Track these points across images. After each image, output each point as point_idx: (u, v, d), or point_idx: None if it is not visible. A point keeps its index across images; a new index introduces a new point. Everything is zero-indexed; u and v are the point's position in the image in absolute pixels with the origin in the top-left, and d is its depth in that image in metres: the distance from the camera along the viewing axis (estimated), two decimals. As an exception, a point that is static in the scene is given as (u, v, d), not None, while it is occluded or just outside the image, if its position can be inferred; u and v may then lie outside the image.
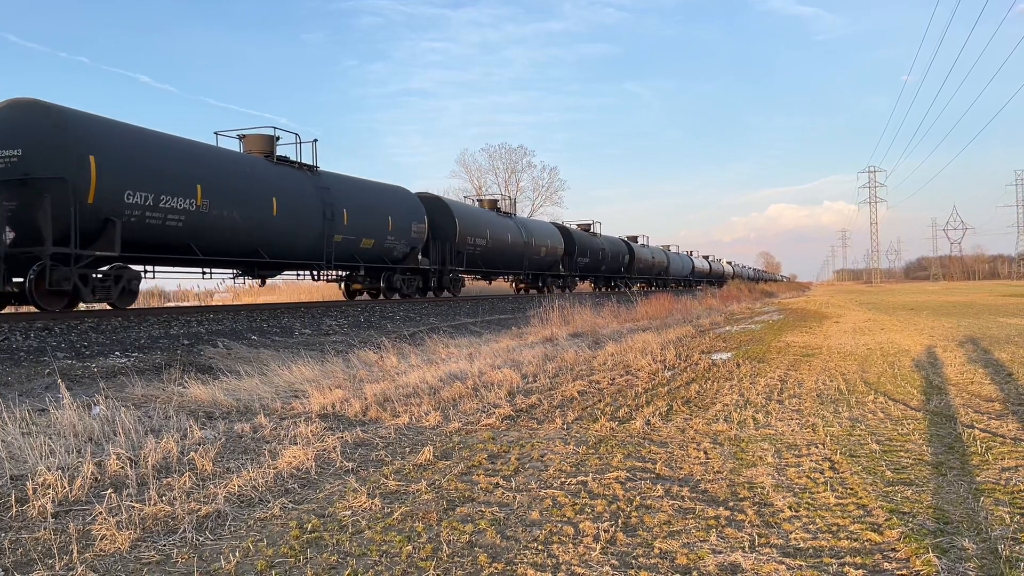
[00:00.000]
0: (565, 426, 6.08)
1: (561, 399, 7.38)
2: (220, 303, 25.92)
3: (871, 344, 12.91)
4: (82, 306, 13.61)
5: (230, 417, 6.48)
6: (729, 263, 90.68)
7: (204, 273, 16.16)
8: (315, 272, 19.78)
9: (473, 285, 35.16)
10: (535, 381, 8.63)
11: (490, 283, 34.81)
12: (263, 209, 15.73)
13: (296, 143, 18.20)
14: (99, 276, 12.68)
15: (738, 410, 6.65)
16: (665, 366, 9.93)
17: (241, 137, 17.69)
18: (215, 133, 17.50)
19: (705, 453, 5.08)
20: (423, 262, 22.90)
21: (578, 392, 7.77)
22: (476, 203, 32.19)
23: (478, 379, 8.46)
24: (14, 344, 9.65)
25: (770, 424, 6.03)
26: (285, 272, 19.39)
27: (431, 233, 23.17)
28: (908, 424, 5.94)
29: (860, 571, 3.02)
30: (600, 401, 7.24)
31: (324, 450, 5.16)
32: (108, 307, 13.56)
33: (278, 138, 17.77)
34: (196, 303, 28.05)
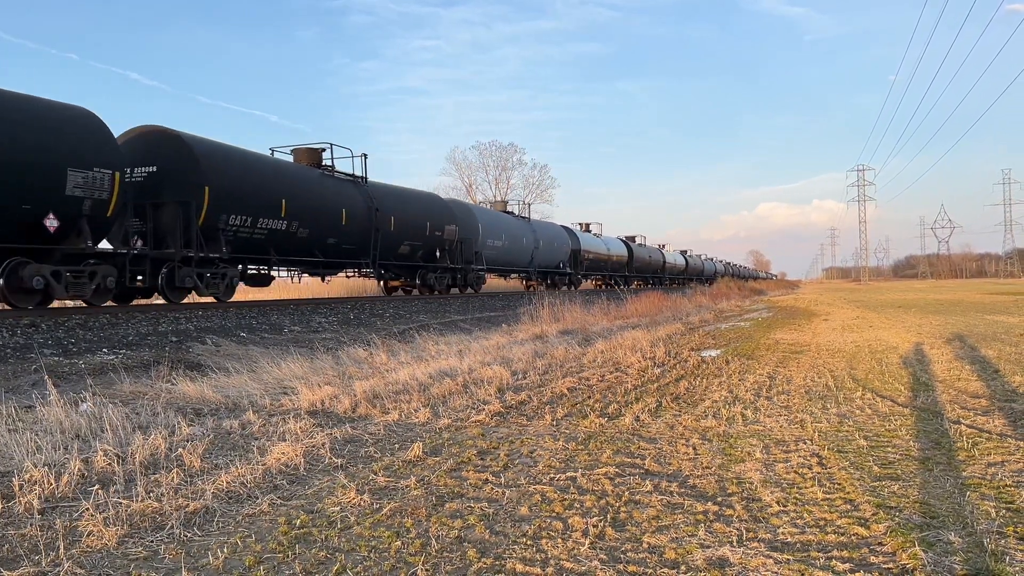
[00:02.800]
0: (555, 422, 6.08)
1: (551, 396, 7.39)
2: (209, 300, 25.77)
3: (859, 341, 12.98)
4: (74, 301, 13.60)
5: (219, 414, 6.46)
6: (719, 261, 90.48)
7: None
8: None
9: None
10: (525, 378, 8.64)
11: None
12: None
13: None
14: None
15: (727, 406, 6.68)
16: (655, 363, 9.95)
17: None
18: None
19: (694, 449, 5.10)
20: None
21: (568, 389, 7.78)
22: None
23: (468, 376, 8.46)
24: (0, 341, 9.58)
25: (759, 420, 6.06)
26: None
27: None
28: (895, 420, 5.97)
29: (847, 565, 3.04)
30: (590, 398, 7.25)
31: (313, 446, 5.15)
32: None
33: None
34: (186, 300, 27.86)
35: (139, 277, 14.10)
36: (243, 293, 30.21)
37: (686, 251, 73.69)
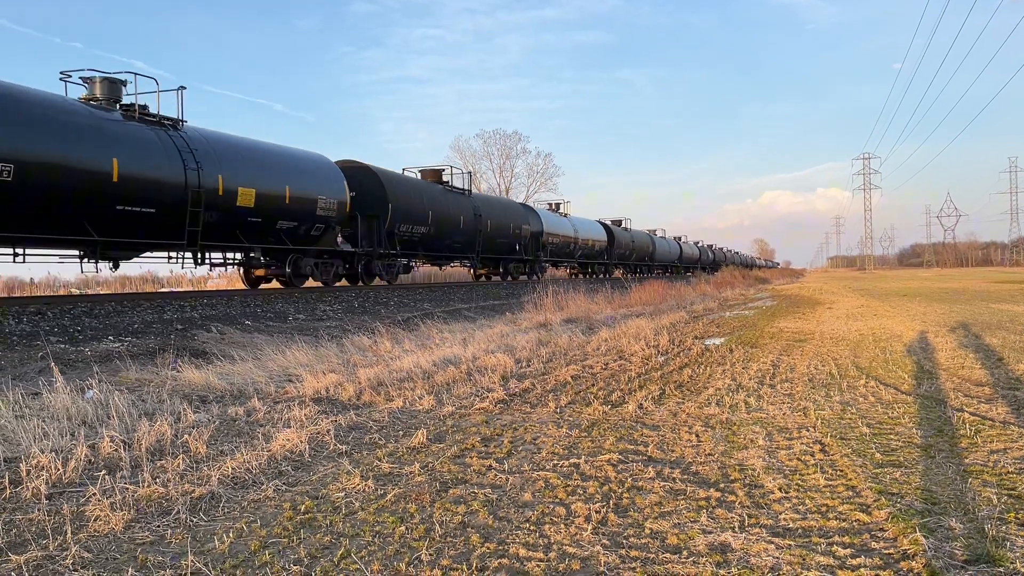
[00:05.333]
0: (558, 410, 6.11)
1: (554, 383, 7.41)
2: (214, 288, 25.89)
3: (863, 330, 12.97)
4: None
5: (224, 401, 6.49)
6: (718, 249, 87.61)
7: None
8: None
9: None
10: (528, 366, 8.66)
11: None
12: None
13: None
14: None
15: (730, 394, 6.69)
16: (658, 351, 9.96)
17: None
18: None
19: (697, 436, 5.11)
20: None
21: (571, 376, 7.80)
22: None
23: (472, 364, 8.48)
24: (7, 328, 9.63)
25: (762, 408, 6.07)
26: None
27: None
28: (898, 408, 5.98)
29: (848, 550, 3.06)
30: (593, 385, 7.27)
31: (318, 433, 5.18)
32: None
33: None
34: (190, 288, 27.99)
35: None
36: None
37: (680, 237, 68.40)
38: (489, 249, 28.47)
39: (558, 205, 40.40)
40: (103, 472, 4.17)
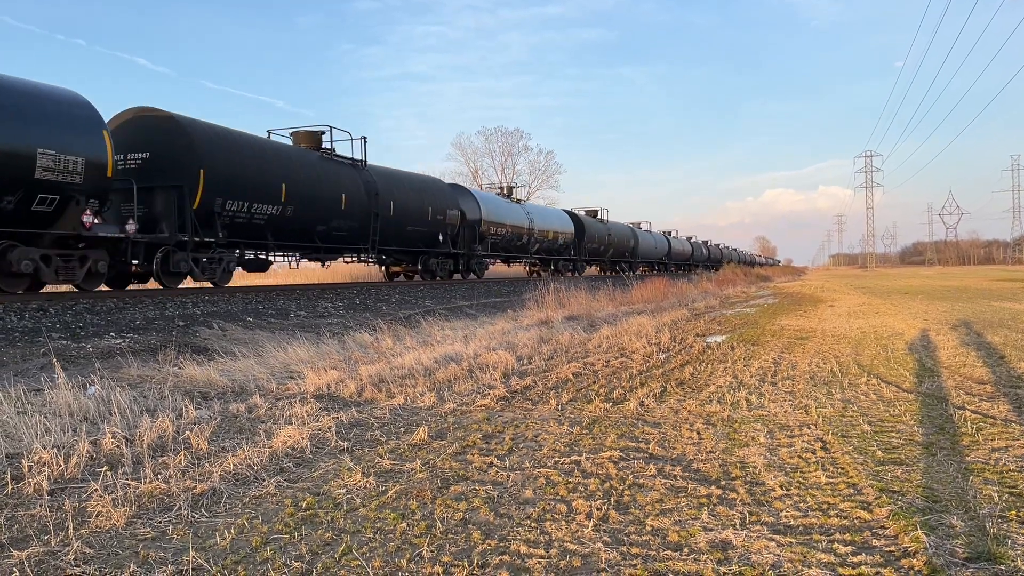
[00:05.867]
0: (559, 407, 6.11)
1: (556, 380, 7.41)
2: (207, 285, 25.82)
3: (865, 327, 12.96)
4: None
5: (225, 397, 6.50)
6: (720, 246, 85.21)
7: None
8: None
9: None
10: (530, 363, 8.66)
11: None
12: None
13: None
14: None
15: (731, 392, 6.69)
16: (659, 348, 9.96)
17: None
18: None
19: (698, 433, 5.11)
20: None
21: (573, 374, 7.80)
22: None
23: (473, 361, 8.48)
24: (9, 324, 9.64)
25: (763, 405, 6.07)
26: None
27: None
28: (900, 405, 5.98)
29: (849, 547, 3.06)
30: (594, 383, 7.27)
31: (319, 430, 5.18)
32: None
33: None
34: (191, 285, 27.93)
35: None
36: (248, 278, 30.25)
37: (670, 232, 61.30)
38: (395, 239, 21.50)
39: (511, 190, 33.64)
40: (105, 468, 4.18)
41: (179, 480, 4.03)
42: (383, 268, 25.30)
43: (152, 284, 15.55)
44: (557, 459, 4.49)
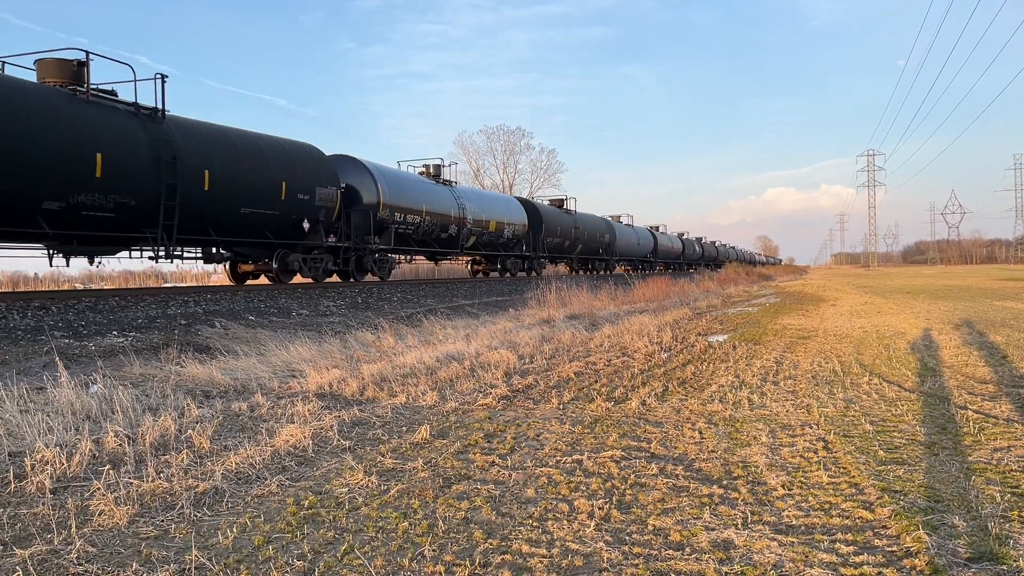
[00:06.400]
0: (561, 406, 6.11)
1: (557, 380, 7.41)
2: (217, 283, 25.90)
3: (867, 327, 12.95)
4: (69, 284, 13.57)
5: (227, 396, 6.50)
6: (715, 244, 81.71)
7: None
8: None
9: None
10: (532, 362, 8.66)
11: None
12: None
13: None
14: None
15: (733, 391, 6.69)
16: (661, 348, 9.96)
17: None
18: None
19: (700, 433, 5.11)
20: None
21: (574, 373, 7.80)
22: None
23: (475, 360, 8.48)
24: (11, 323, 9.66)
25: (765, 405, 6.07)
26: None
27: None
28: (902, 405, 5.97)
29: (851, 547, 3.06)
30: (596, 382, 7.27)
31: (321, 428, 5.19)
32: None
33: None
34: (193, 283, 28.03)
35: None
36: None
37: (658, 227, 55.75)
38: (222, 227, 15.13)
39: (438, 169, 25.44)
40: (107, 467, 4.19)
41: (181, 479, 4.03)
42: (227, 267, 18.68)
43: (153, 283, 15.52)
44: (559, 458, 4.49)
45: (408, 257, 25.11)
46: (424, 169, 25.38)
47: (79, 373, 6.89)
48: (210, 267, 19.68)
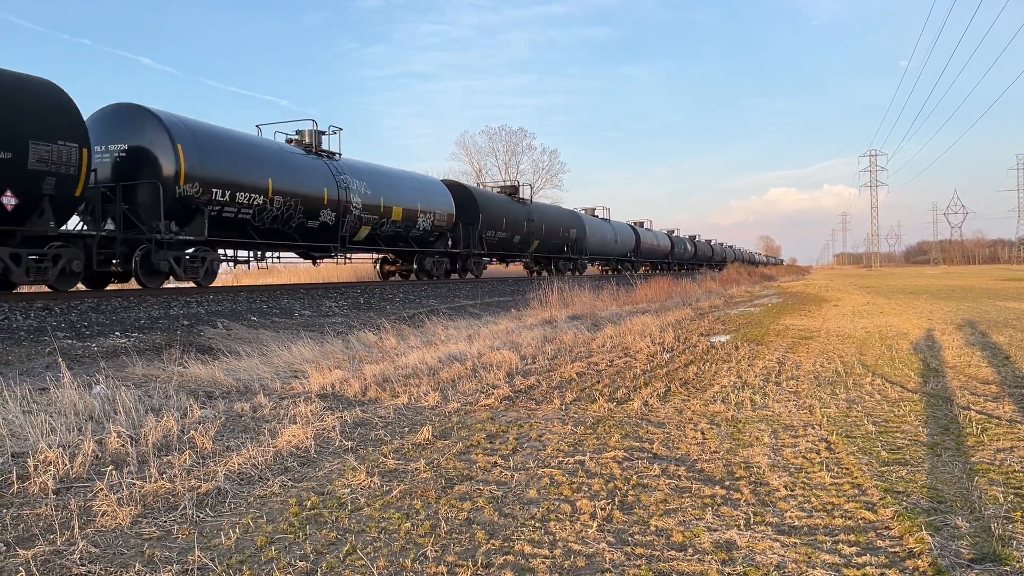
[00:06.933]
0: (563, 407, 6.11)
1: (560, 380, 7.41)
2: (220, 284, 25.83)
3: (869, 327, 12.93)
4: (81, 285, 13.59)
5: (230, 396, 6.51)
6: (709, 243, 75.82)
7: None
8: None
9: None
10: (534, 362, 8.66)
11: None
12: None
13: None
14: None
15: (736, 392, 6.68)
16: (663, 348, 9.95)
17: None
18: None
19: (702, 433, 5.11)
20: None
21: (576, 373, 7.80)
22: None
23: (477, 360, 8.48)
24: (14, 324, 9.67)
25: (767, 405, 6.06)
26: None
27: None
28: (905, 406, 5.97)
29: (853, 548, 3.06)
30: (598, 382, 7.27)
31: (323, 429, 5.19)
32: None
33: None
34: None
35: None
36: (253, 277, 30.22)
37: (642, 223, 50.87)
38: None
39: (314, 137, 18.55)
40: (110, 467, 4.19)
41: (184, 479, 4.03)
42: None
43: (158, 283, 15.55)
44: (561, 459, 4.49)
45: (256, 254, 17.24)
46: (295, 138, 18.54)
47: (82, 374, 6.90)
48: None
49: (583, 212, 38.82)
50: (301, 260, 20.30)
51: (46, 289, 12.29)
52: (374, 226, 19.84)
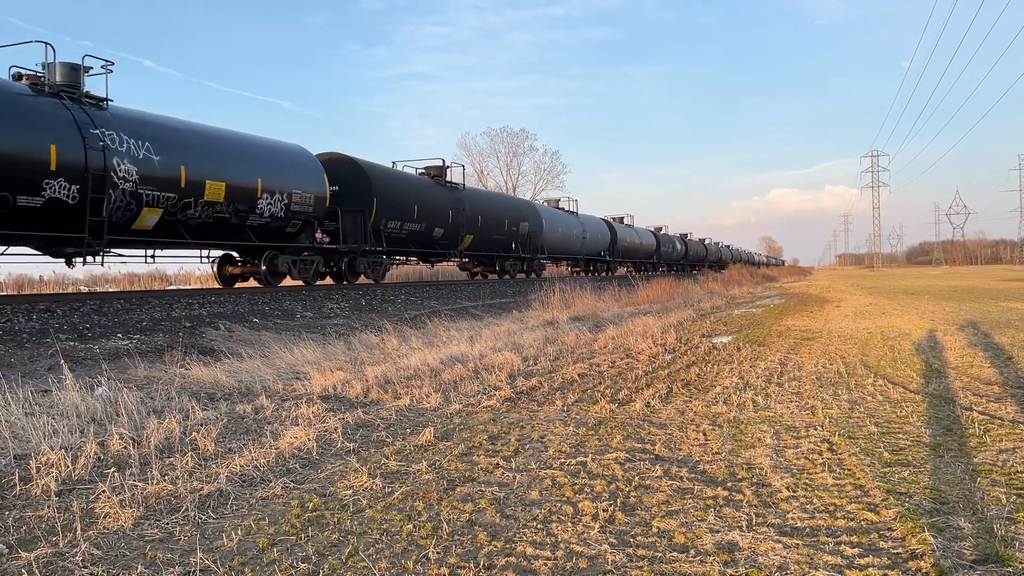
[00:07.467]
0: (565, 408, 6.11)
1: (561, 381, 7.41)
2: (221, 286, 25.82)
3: (871, 328, 12.92)
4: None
5: (232, 398, 6.51)
6: (706, 243, 71.95)
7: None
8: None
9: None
10: (536, 364, 8.66)
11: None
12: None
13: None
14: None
15: (737, 393, 6.68)
16: (665, 349, 9.95)
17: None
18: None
19: (704, 435, 5.11)
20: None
21: (578, 375, 7.80)
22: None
23: (479, 361, 8.49)
24: (17, 326, 9.68)
25: (769, 406, 6.06)
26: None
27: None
28: (907, 407, 5.96)
29: (856, 549, 3.05)
30: (600, 383, 7.27)
31: (325, 431, 5.19)
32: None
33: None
34: (198, 286, 28.06)
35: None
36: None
37: (622, 218, 44.61)
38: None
39: (68, 74, 12.40)
40: (112, 469, 4.20)
41: (186, 481, 4.04)
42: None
43: (158, 285, 15.57)
44: (563, 460, 4.49)
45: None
46: (33, 72, 12.40)
47: (84, 376, 6.91)
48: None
49: (544, 203, 35.00)
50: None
51: (56, 291, 12.47)
52: (169, 209, 13.59)
